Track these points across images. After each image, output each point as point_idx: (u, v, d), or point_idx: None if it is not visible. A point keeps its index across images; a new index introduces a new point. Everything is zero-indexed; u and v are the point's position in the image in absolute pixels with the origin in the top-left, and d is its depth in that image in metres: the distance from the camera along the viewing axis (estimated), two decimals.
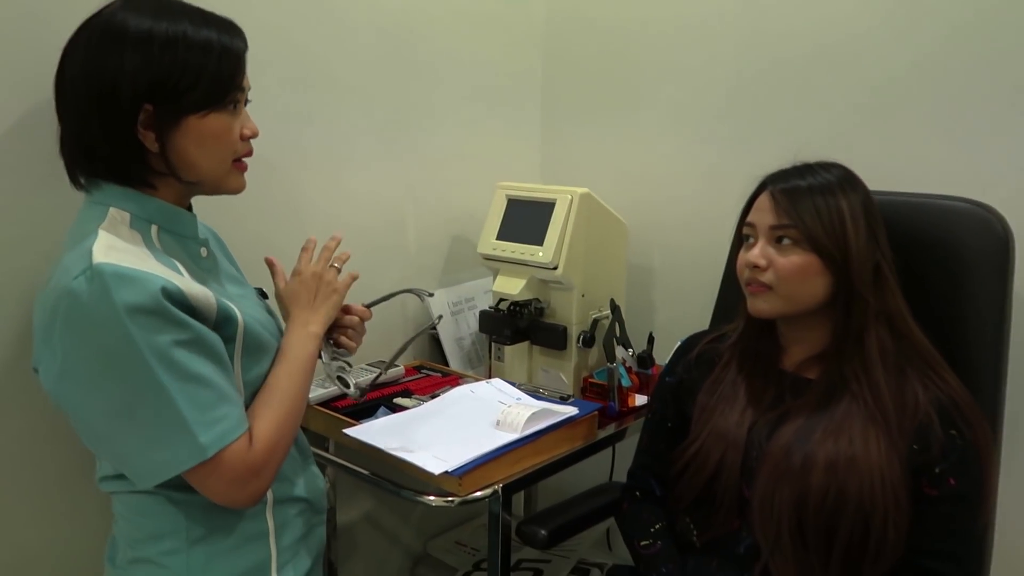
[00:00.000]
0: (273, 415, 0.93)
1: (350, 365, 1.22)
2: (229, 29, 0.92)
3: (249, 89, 0.96)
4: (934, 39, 1.35)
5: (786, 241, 1.04)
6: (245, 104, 0.96)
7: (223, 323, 0.91)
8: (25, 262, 1.08)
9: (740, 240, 1.13)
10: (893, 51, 1.39)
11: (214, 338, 0.89)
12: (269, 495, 0.98)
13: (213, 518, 0.94)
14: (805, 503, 1.00)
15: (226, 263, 1.08)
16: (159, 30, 0.86)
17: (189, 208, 0.99)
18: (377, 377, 1.40)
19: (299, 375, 0.99)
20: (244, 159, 0.97)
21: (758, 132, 1.58)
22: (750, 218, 1.10)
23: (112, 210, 0.89)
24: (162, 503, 0.92)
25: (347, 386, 1.18)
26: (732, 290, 1.21)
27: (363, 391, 1.22)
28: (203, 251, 0.99)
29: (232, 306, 0.93)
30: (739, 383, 1.13)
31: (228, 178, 0.96)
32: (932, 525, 1.00)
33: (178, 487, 0.91)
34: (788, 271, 1.04)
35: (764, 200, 1.08)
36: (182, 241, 0.95)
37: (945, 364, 1.05)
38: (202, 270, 0.97)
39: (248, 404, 0.95)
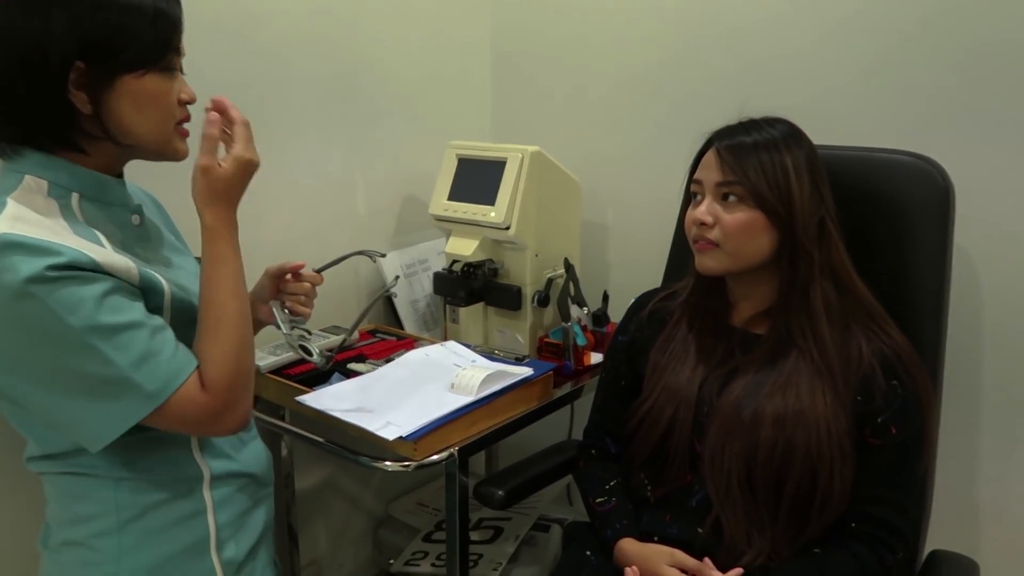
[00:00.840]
0: (224, 348, 0.88)
1: (309, 332, 1.20)
2: None
3: (183, 55, 0.92)
4: None
5: (732, 198, 1.05)
6: (181, 71, 0.92)
7: (147, 293, 0.88)
8: None
9: (689, 198, 1.13)
10: (833, 6, 1.39)
11: (135, 293, 0.86)
12: (206, 472, 0.96)
13: (145, 498, 0.92)
14: (754, 456, 1.02)
15: (164, 231, 1.03)
16: None
17: (120, 175, 0.94)
18: (342, 343, 1.38)
19: (243, 289, 0.92)
20: (185, 125, 0.93)
21: (706, 87, 1.57)
22: (697, 175, 1.10)
23: (28, 178, 0.85)
24: (91, 483, 0.90)
25: (310, 354, 1.16)
26: (683, 247, 1.21)
27: (328, 357, 1.21)
28: (135, 218, 0.95)
29: (157, 275, 0.89)
30: (690, 340, 1.15)
31: (171, 143, 0.91)
32: (875, 473, 1.03)
33: (109, 464, 0.89)
34: (734, 227, 1.04)
35: (710, 157, 1.08)
36: (108, 209, 0.91)
37: (887, 317, 1.08)
38: (130, 239, 0.93)
39: None
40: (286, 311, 1.14)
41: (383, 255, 1.28)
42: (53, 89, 0.82)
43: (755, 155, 1.04)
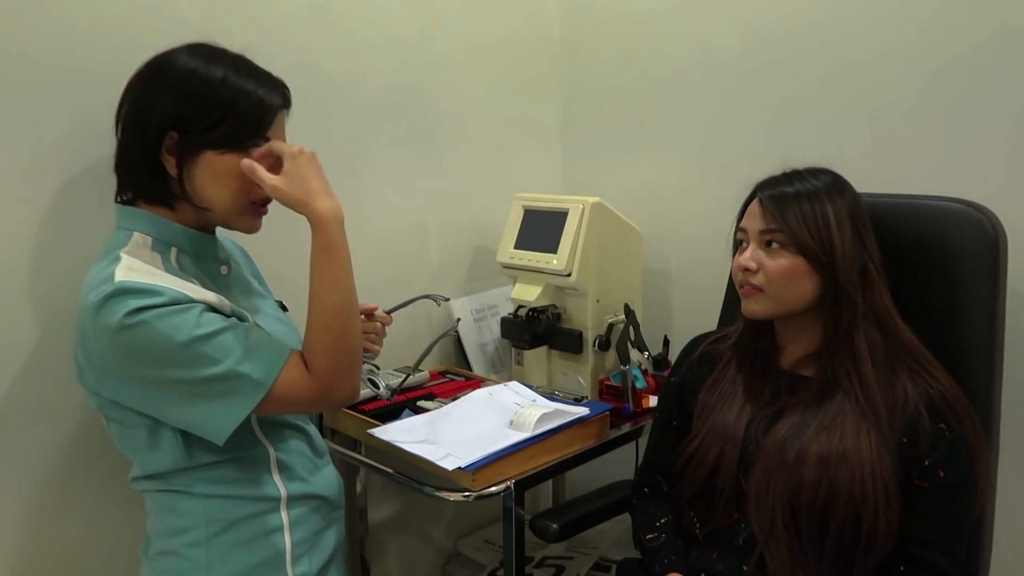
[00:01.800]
0: (326, 339, 0.98)
1: (378, 368, 1.30)
2: (271, 84, 1.02)
3: (279, 140, 1.04)
4: (922, 42, 1.39)
5: (774, 245, 1.10)
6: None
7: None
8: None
9: (736, 245, 1.19)
10: (891, 59, 1.43)
11: (227, 309, 0.99)
12: (283, 492, 1.06)
13: (230, 514, 1.03)
14: (798, 495, 1.05)
15: (250, 279, 1.17)
16: (203, 71, 0.97)
17: (213, 232, 1.08)
18: (405, 379, 1.48)
19: (347, 278, 1.00)
20: (265, 205, 1.05)
21: (761, 137, 1.63)
22: (742, 224, 1.15)
23: (136, 234, 1.00)
24: (184, 500, 1.02)
25: (377, 387, 1.26)
26: (735, 292, 1.26)
27: (393, 391, 1.31)
28: (223, 269, 1.09)
29: (245, 313, 1.02)
30: (738, 381, 1.19)
31: (240, 217, 1.04)
32: (923, 516, 1.03)
33: (200, 483, 1.01)
34: (776, 273, 1.09)
35: (754, 206, 1.13)
36: (201, 262, 1.05)
37: (934, 361, 1.09)
38: (220, 287, 1.06)
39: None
40: None
41: (447, 299, 1.37)
42: (150, 150, 0.97)
43: (796, 204, 1.09)
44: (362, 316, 1.27)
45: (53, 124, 1.18)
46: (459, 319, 1.57)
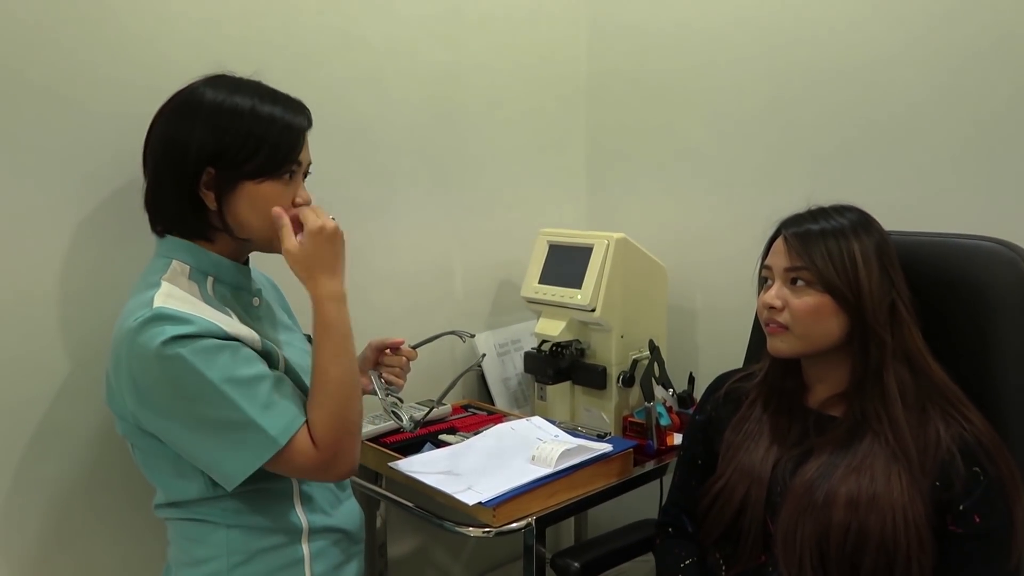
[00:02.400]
0: (328, 409, 0.99)
1: (402, 400, 1.30)
2: (295, 108, 1.04)
3: (309, 163, 1.07)
4: (955, 79, 1.38)
5: (800, 283, 1.09)
6: (305, 176, 1.08)
7: (267, 359, 1.01)
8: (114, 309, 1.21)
9: (761, 283, 1.18)
10: (916, 94, 1.43)
11: (259, 354, 1.00)
12: (305, 524, 1.06)
13: (252, 544, 1.03)
14: (826, 538, 1.02)
15: (279, 311, 1.18)
16: (230, 103, 0.99)
17: (246, 261, 1.10)
18: (428, 412, 1.47)
19: (345, 354, 1.01)
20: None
21: (790, 178, 1.62)
22: (767, 261, 1.14)
23: (175, 263, 1.02)
24: (207, 529, 1.03)
25: (401, 420, 1.26)
26: (761, 330, 1.25)
27: (417, 423, 1.30)
28: (255, 301, 1.10)
29: (275, 348, 1.03)
30: (764, 421, 1.17)
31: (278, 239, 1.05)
32: (958, 563, 1.00)
33: (222, 513, 1.01)
34: (802, 311, 1.08)
35: (779, 244, 1.13)
36: (236, 292, 1.07)
37: (967, 402, 1.06)
38: (252, 318, 1.08)
39: None
40: (383, 380, 1.25)
41: (472, 335, 1.37)
42: (188, 186, 0.99)
43: (822, 241, 1.08)
44: (387, 350, 1.28)
45: (83, 158, 1.21)
46: (484, 355, 1.57)
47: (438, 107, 1.71)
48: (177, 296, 0.97)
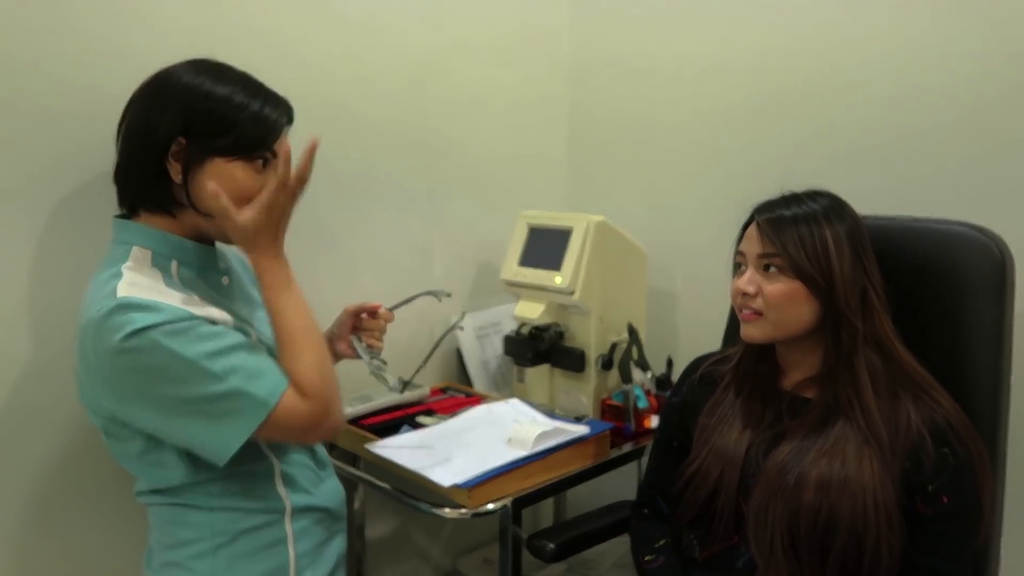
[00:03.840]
0: (308, 358, 0.98)
1: (385, 363, 1.28)
2: (276, 102, 1.02)
3: (289, 158, 1.04)
4: (930, 64, 1.38)
5: (772, 269, 1.09)
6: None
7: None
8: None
9: (735, 268, 1.18)
10: (891, 80, 1.43)
11: (231, 324, 0.99)
12: (287, 504, 1.06)
13: (235, 526, 1.03)
14: (797, 520, 1.03)
15: (249, 287, 1.17)
16: (207, 87, 0.98)
17: (210, 243, 1.08)
18: (416, 373, 1.45)
19: (302, 306, 1.01)
20: None
21: (769, 162, 1.62)
22: (741, 247, 1.15)
23: (135, 249, 1.00)
24: (190, 513, 1.02)
25: (387, 381, 1.25)
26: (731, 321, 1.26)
27: (404, 384, 1.30)
28: (224, 279, 1.09)
29: (248, 327, 1.03)
30: (738, 404, 1.17)
31: None
32: (926, 543, 1.02)
33: (206, 496, 1.01)
34: (775, 297, 1.08)
35: (752, 230, 1.13)
36: (203, 273, 1.05)
37: (938, 386, 1.07)
38: (223, 297, 1.06)
39: None
40: (364, 344, 1.25)
41: (449, 295, 1.36)
42: (155, 156, 0.97)
43: (794, 228, 1.08)
44: (364, 314, 1.27)
45: (53, 138, 1.19)
46: (464, 312, 1.54)
47: (418, 88, 1.69)
48: (140, 284, 0.95)
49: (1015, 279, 1.14)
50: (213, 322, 0.96)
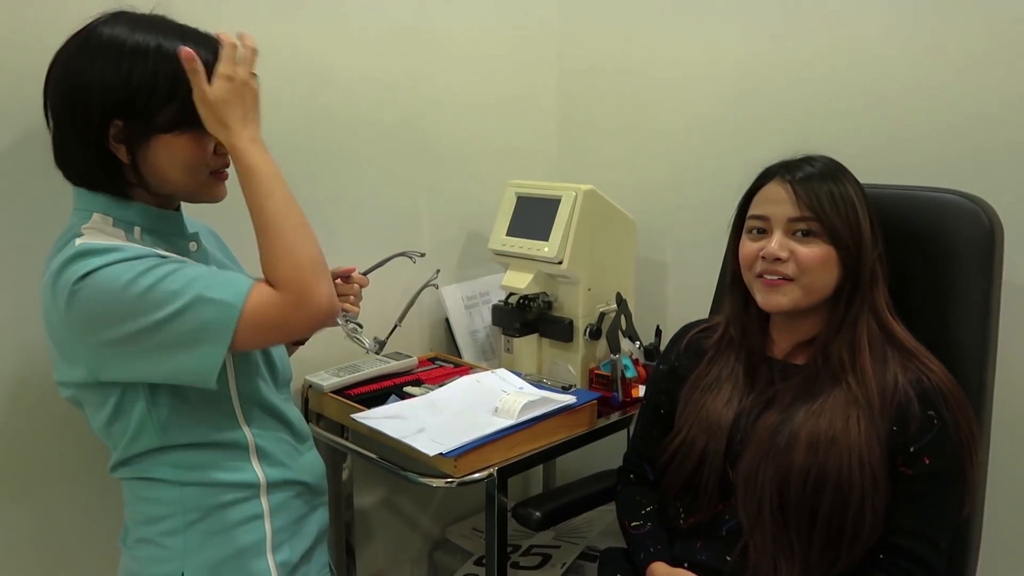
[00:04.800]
0: (276, 249, 0.93)
1: (361, 326, 1.27)
2: (203, 41, 0.95)
3: None
4: (919, 32, 1.36)
5: (805, 233, 1.06)
6: None
7: None
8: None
9: (738, 231, 1.15)
10: (881, 46, 1.41)
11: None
12: (262, 478, 1.04)
13: (207, 501, 1.00)
14: (787, 481, 1.03)
15: (219, 255, 1.13)
16: (131, 43, 0.90)
17: (177, 207, 1.04)
18: (391, 333, 1.43)
19: (278, 189, 0.96)
20: (224, 170, 1.01)
21: (759, 126, 1.60)
22: (762, 210, 1.10)
23: (96, 215, 0.96)
24: (161, 488, 1.00)
25: (363, 344, 1.23)
26: (724, 282, 1.25)
27: (381, 344, 1.28)
28: (192, 245, 1.04)
29: None
30: (724, 376, 1.16)
31: (203, 190, 1.00)
32: (906, 504, 1.02)
33: (176, 470, 0.99)
34: (810, 261, 1.05)
35: (778, 191, 1.08)
36: (167, 238, 1.01)
37: (925, 351, 1.07)
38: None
39: (243, 373, 1.02)
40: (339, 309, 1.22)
41: (422, 254, 1.33)
42: (95, 139, 0.92)
43: (827, 189, 1.06)
44: (338, 280, 1.24)
45: None
46: (438, 271, 1.51)
47: (406, 54, 1.66)
48: (100, 239, 0.92)
49: (1004, 246, 1.14)
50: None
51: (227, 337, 0.90)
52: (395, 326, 1.38)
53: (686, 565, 1.12)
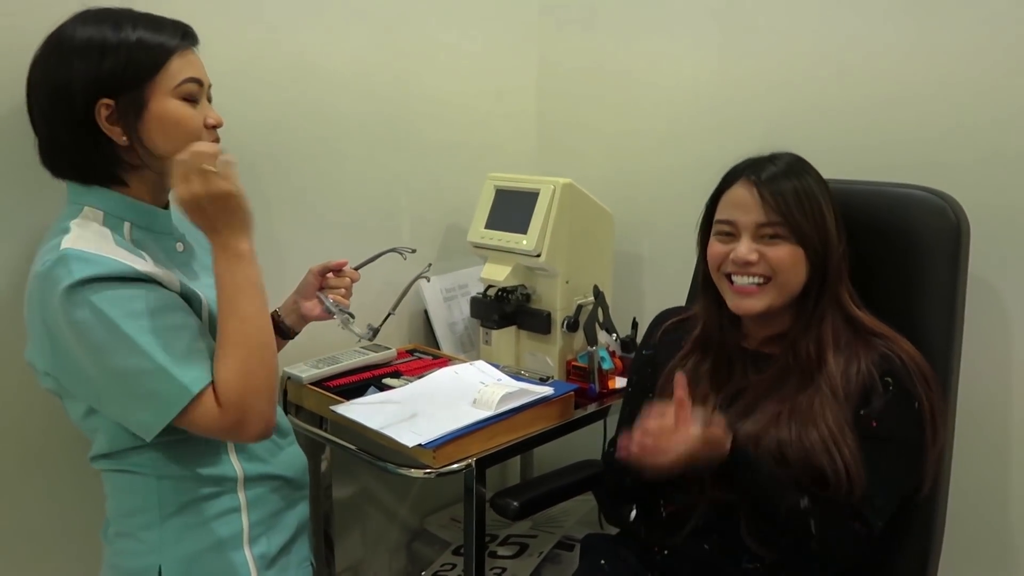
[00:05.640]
0: (231, 366, 0.93)
1: (353, 316, 1.27)
2: (163, 27, 0.99)
3: (210, 86, 1.03)
4: (890, 27, 1.39)
5: (773, 237, 1.08)
6: (210, 100, 1.04)
7: (187, 300, 0.99)
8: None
9: (706, 231, 1.17)
10: (851, 43, 1.44)
11: (177, 298, 0.96)
12: (240, 473, 1.05)
13: (183, 495, 1.01)
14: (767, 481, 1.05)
15: (204, 255, 1.13)
16: (100, 35, 0.94)
17: (166, 206, 1.06)
18: (384, 320, 1.40)
19: (247, 306, 0.95)
20: (215, 130, 1.03)
21: (737, 126, 1.62)
22: (729, 215, 1.11)
23: (87, 208, 0.98)
24: (139, 481, 1.01)
25: (356, 333, 1.24)
26: (699, 276, 1.27)
27: (375, 331, 1.29)
28: (179, 245, 1.06)
29: (196, 290, 1.00)
30: (703, 372, 1.18)
31: None
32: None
33: (153, 463, 1.00)
34: (780, 262, 1.07)
35: (744, 195, 1.10)
36: (155, 236, 1.03)
37: (893, 332, 1.10)
38: (175, 263, 1.04)
39: None
40: (331, 299, 1.24)
41: (413, 251, 1.35)
42: (87, 128, 0.95)
43: (792, 192, 1.07)
44: (330, 273, 1.26)
45: None
46: (430, 264, 1.52)
47: (385, 47, 1.66)
48: (88, 239, 0.93)
49: (970, 242, 1.17)
50: (158, 282, 0.94)
51: (169, 415, 0.91)
52: (388, 314, 1.37)
53: (666, 552, 1.14)
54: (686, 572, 1.13)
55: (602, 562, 1.21)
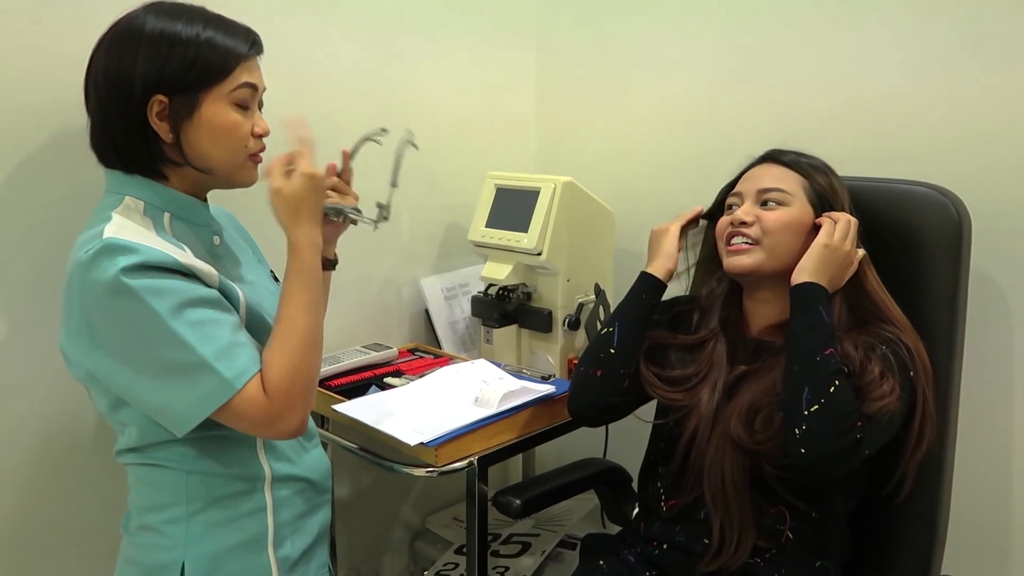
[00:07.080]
0: (287, 359, 0.95)
1: (360, 211, 1.25)
2: (235, 32, 0.99)
3: (264, 91, 1.04)
4: (895, 36, 1.38)
5: (771, 203, 1.14)
6: (261, 108, 1.04)
7: (226, 296, 0.98)
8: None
9: (715, 214, 1.23)
10: (854, 40, 1.43)
11: (218, 295, 0.96)
12: (268, 472, 1.04)
13: (211, 492, 1.01)
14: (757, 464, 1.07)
15: (244, 250, 1.13)
16: (171, 30, 0.94)
17: (204, 200, 1.06)
18: (389, 196, 1.30)
19: (316, 305, 0.99)
20: (260, 153, 1.04)
21: (737, 122, 1.62)
22: (739, 188, 1.18)
23: (127, 198, 0.97)
24: (166, 475, 1.00)
25: (368, 220, 1.22)
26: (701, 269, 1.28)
27: (384, 207, 1.25)
28: (216, 239, 1.06)
29: (235, 285, 1.00)
30: (713, 360, 1.18)
31: (240, 171, 1.02)
32: None
33: (182, 458, 0.99)
34: (774, 224, 1.12)
35: (758, 170, 1.18)
36: (195, 229, 1.03)
37: (907, 322, 1.11)
38: (212, 257, 1.03)
39: None
40: (329, 204, 1.18)
41: (385, 131, 1.30)
42: (138, 119, 0.95)
43: (810, 164, 1.16)
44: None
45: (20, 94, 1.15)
46: (412, 132, 1.45)
47: (383, 45, 1.66)
48: (130, 228, 0.93)
49: (971, 237, 1.17)
50: (197, 276, 0.94)
51: (212, 408, 0.92)
52: (389, 199, 1.31)
53: (665, 546, 1.14)
54: (687, 567, 1.13)
55: (601, 562, 1.21)
